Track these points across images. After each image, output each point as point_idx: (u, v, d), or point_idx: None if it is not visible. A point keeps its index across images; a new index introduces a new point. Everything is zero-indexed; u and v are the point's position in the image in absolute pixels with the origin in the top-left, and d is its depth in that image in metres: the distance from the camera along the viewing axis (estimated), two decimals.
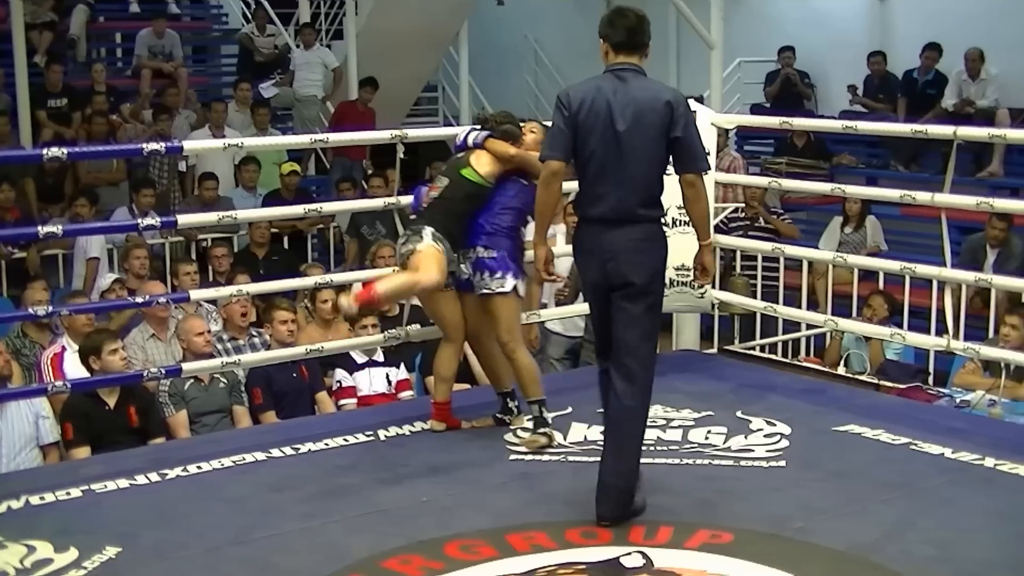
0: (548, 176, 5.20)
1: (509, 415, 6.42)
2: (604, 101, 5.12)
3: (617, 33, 5.33)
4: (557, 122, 5.18)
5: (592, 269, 5.17)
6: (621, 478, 5.09)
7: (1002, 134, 7.41)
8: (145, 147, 6.59)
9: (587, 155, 5.12)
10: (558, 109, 5.18)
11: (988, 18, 12.72)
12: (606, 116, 5.10)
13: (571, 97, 5.17)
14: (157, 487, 5.62)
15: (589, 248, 5.16)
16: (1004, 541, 4.92)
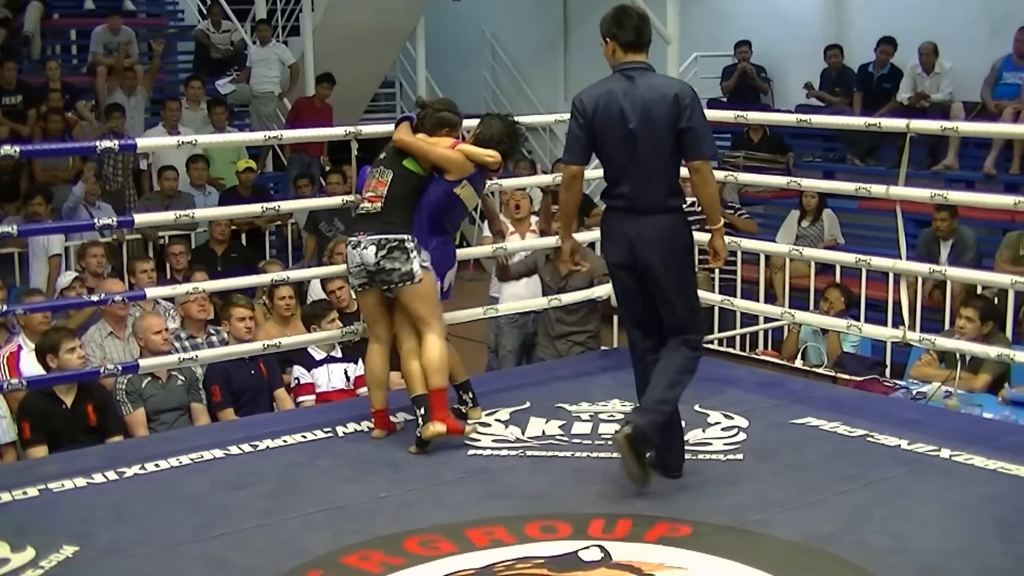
0: (568, 180, 5.49)
1: (465, 406, 6.35)
2: (616, 102, 5.32)
3: (626, 32, 5.46)
4: (573, 128, 5.40)
5: (618, 252, 5.43)
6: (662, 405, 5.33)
7: (954, 127, 7.46)
8: (99, 144, 6.54)
9: (606, 154, 5.39)
10: (573, 116, 5.40)
11: (942, 12, 12.82)
12: (619, 117, 5.31)
13: (585, 103, 5.37)
14: (115, 485, 5.58)
15: (613, 233, 5.44)
16: (960, 531, 4.96)
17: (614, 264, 5.50)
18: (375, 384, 6.23)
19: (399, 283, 5.90)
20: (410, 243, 5.92)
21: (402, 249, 5.89)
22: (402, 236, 5.91)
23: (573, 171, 5.44)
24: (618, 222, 5.42)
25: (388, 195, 5.99)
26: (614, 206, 5.43)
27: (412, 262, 5.89)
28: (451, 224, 6.27)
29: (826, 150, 13.80)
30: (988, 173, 11.78)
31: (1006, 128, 10.06)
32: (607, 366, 7.21)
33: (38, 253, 10.20)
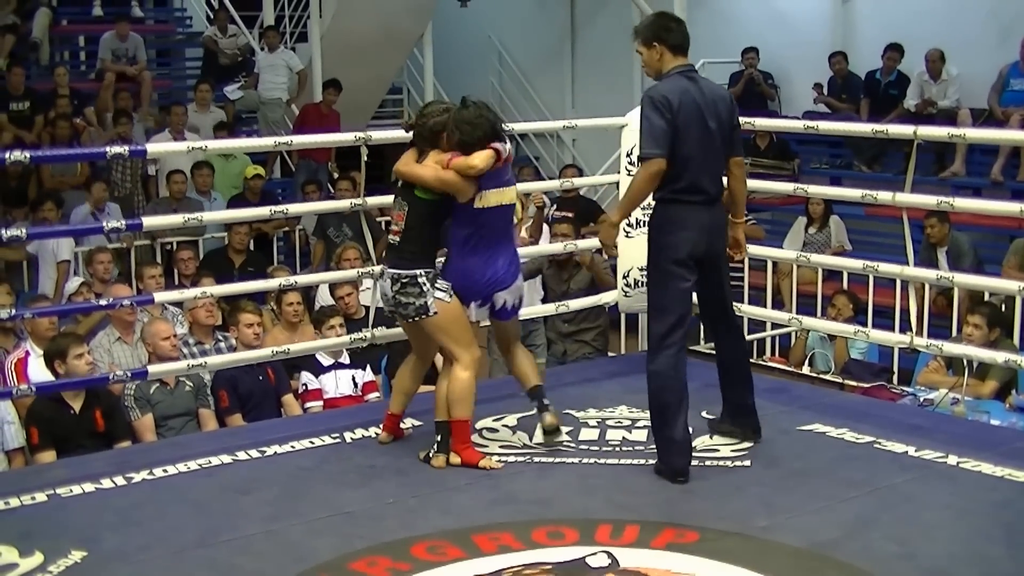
0: (656, 172, 5.53)
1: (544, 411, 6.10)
2: (692, 101, 5.57)
3: (675, 36, 5.70)
4: (659, 122, 5.49)
5: (698, 244, 5.64)
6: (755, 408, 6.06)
7: (961, 134, 7.45)
8: (108, 150, 6.53)
9: (686, 150, 5.55)
10: (658, 110, 5.50)
11: (949, 19, 12.81)
12: (698, 115, 5.57)
13: (669, 99, 5.52)
14: (122, 491, 5.60)
15: (691, 225, 5.62)
16: (966, 537, 4.96)
17: (685, 257, 5.62)
18: (398, 390, 6.21)
19: (415, 316, 5.86)
20: (423, 277, 5.81)
21: (414, 284, 5.81)
22: (414, 272, 5.81)
23: (663, 164, 5.51)
24: (696, 215, 5.62)
25: (406, 227, 5.87)
26: (691, 200, 5.60)
27: (426, 296, 5.81)
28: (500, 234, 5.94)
29: (833, 156, 13.79)
30: (995, 180, 11.77)
31: (1013, 135, 10.04)
32: (614, 372, 7.22)
33: (47, 259, 10.21)
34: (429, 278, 5.82)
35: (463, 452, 5.83)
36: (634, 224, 7.29)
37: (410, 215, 5.86)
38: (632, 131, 7.35)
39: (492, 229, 5.87)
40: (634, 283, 7.35)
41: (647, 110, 5.53)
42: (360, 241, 8.91)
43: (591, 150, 15.12)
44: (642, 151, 5.54)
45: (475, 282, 5.87)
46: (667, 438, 5.61)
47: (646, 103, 5.55)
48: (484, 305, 5.93)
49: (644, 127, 5.54)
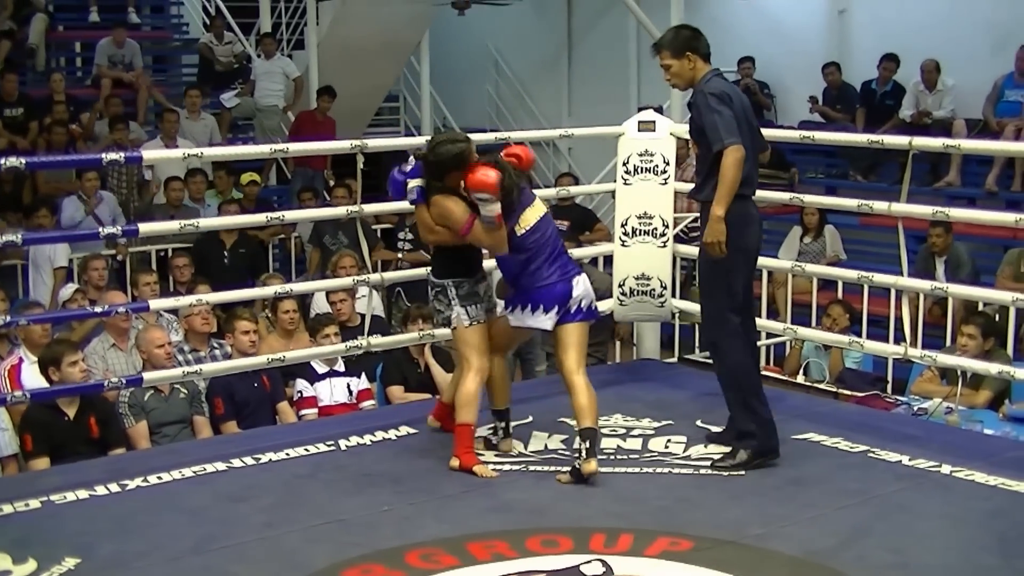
0: (741, 159, 5.66)
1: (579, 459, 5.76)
2: (741, 100, 5.86)
3: (704, 46, 5.98)
4: (727, 112, 5.69)
5: (756, 237, 5.96)
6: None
7: (957, 144, 7.48)
8: (104, 156, 6.54)
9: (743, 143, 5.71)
10: (723, 102, 5.70)
11: (944, 29, 12.84)
12: (744, 112, 5.82)
13: (728, 93, 5.79)
14: (117, 498, 5.59)
15: (755, 219, 5.95)
16: (960, 546, 4.97)
17: (750, 250, 5.91)
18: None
19: (444, 324, 6.13)
20: (451, 289, 5.91)
21: (444, 294, 5.94)
22: (443, 282, 5.93)
23: (743, 151, 5.65)
24: (751, 209, 5.89)
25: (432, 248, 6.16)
26: (749, 194, 5.86)
27: (452, 308, 5.91)
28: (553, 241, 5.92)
29: (828, 166, 13.82)
30: (990, 190, 11.80)
31: (1008, 146, 10.08)
32: (609, 380, 7.21)
33: (43, 265, 10.20)
34: (459, 292, 5.91)
35: (463, 456, 5.84)
36: (630, 233, 7.30)
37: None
38: (628, 140, 7.38)
39: (545, 241, 5.89)
40: (629, 292, 7.36)
41: (714, 104, 5.70)
42: (356, 249, 8.92)
43: (587, 159, 15.12)
44: (724, 141, 5.63)
45: (553, 294, 5.85)
46: (765, 420, 5.82)
47: (711, 99, 5.71)
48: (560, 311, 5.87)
49: (716, 120, 5.67)
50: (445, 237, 5.88)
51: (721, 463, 5.80)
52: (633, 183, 7.36)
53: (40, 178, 11.92)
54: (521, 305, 5.89)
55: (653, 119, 7.46)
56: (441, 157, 5.75)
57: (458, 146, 5.78)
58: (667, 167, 7.33)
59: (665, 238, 7.31)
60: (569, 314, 5.87)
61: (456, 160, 5.73)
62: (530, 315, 5.86)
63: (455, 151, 5.75)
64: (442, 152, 5.75)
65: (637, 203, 7.34)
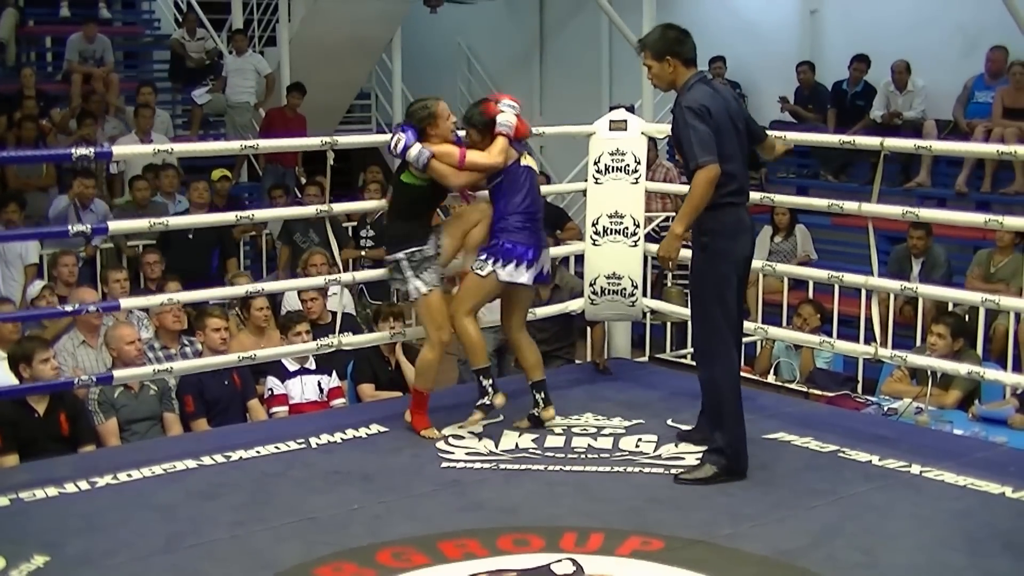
0: (713, 179, 5.55)
1: (537, 408, 6.48)
2: (722, 105, 5.70)
3: (688, 50, 5.80)
4: (704, 129, 5.57)
5: (747, 246, 5.85)
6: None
7: (928, 145, 7.51)
8: (74, 152, 6.49)
9: (725, 151, 5.63)
10: (700, 117, 5.58)
11: (915, 30, 12.88)
12: (728, 118, 5.71)
13: (708, 106, 5.62)
14: (86, 495, 5.57)
15: (745, 228, 5.82)
16: (929, 546, 5.00)
17: (742, 259, 5.81)
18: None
19: (403, 299, 6.33)
20: (404, 261, 6.21)
21: (398, 270, 6.28)
22: (396, 256, 6.26)
23: (718, 169, 5.55)
24: (745, 216, 5.81)
25: (390, 210, 6.40)
26: (739, 202, 5.76)
27: (408, 281, 6.25)
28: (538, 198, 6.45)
29: (799, 166, 13.85)
30: (960, 191, 11.85)
31: (978, 147, 10.11)
32: (580, 379, 7.24)
33: (13, 262, 10.13)
34: (411, 262, 6.21)
35: (415, 417, 6.34)
36: (601, 232, 7.31)
37: (394, 198, 6.30)
38: (600, 139, 7.38)
39: (536, 194, 6.42)
40: (600, 291, 7.36)
41: (690, 119, 5.58)
42: (326, 247, 8.90)
43: (559, 157, 15.12)
44: (697, 160, 5.55)
45: (536, 247, 6.29)
46: (737, 440, 5.72)
47: (687, 113, 5.60)
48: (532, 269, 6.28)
49: (691, 136, 5.57)
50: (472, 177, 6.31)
51: (686, 476, 5.72)
52: (604, 182, 7.36)
53: (10, 173, 11.85)
54: (504, 259, 6.22)
55: (625, 118, 7.46)
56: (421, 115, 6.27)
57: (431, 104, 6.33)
58: (638, 166, 7.33)
59: (636, 237, 7.31)
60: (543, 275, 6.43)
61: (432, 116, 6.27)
62: (513, 269, 6.23)
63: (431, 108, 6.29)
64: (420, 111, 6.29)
65: (608, 202, 7.35)
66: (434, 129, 6.27)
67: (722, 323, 5.74)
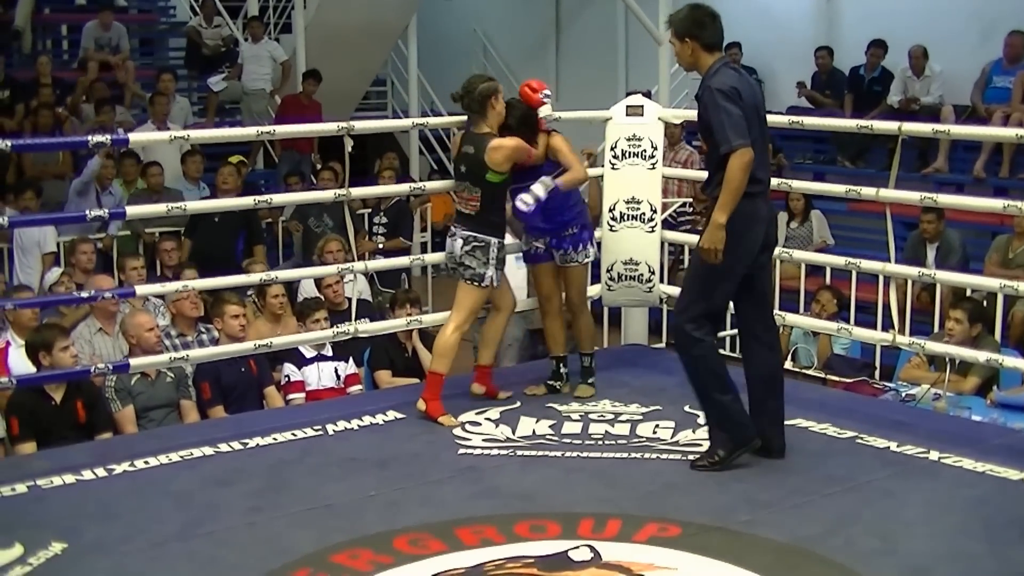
0: (748, 162, 5.43)
1: (559, 380, 6.83)
2: (751, 91, 5.61)
3: (709, 35, 5.67)
4: (736, 111, 5.45)
5: (762, 235, 5.64)
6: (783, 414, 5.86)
7: (946, 130, 7.49)
8: (91, 139, 6.49)
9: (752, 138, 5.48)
10: (731, 100, 5.47)
11: (933, 16, 12.83)
12: (757, 104, 5.61)
13: (738, 88, 5.51)
14: (103, 482, 5.58)
15: (761, 217, 5.63)
16: (947, 533, 4.98)
17: (753, 251, 5.61)
18: (485, 344, 6.70)
19: (468, 280, 6.37)
20: (494, 248, 6.37)
21: (484, 251, 6.37)
22: (490, 239, 6.39)
23: (752, 153, 5.43)
24: (763, 205, 5.63)
25: (482, 205, 6.39)
26: (758, 191, 5.57)
27: (488, 266, 6.37)
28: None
29: (816, 152, 13.80)
30: (977, 176, 11.80)
31: (996, 131, 10.06)
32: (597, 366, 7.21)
33: (31, 249, 10.13)
34: (499, 255, 6.41)
35: (429, 403, 6.34)
36: (618, 218, 7.29)
37: (484, 197, 6.39)
38: (616, 125, 7.36)
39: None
40: (617, 277, 7.34)
41: (721, 101, 5.45)
42: (341, 232, 8.89)
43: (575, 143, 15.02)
44: (731, 143, 5.42)
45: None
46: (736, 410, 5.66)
47: (717, 96, 5.47)
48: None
49: (723, 119, 5.44)
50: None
51: (700, 463, 5.67)
52: (621, 168, 7.34)
53: (27, 161, 11.86)
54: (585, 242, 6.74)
55: (641, 104, 7.43)
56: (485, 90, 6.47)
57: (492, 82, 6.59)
58: (655, 152, 7.31)
59: (653, 223, 7.29)
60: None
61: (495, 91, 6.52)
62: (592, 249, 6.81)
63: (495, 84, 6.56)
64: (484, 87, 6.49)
65: (625, 188, 7.33)
66: (496, 106, 6.44)
67: (711, 309, 5.66)
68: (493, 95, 6.45)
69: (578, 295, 6.85)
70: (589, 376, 6.84)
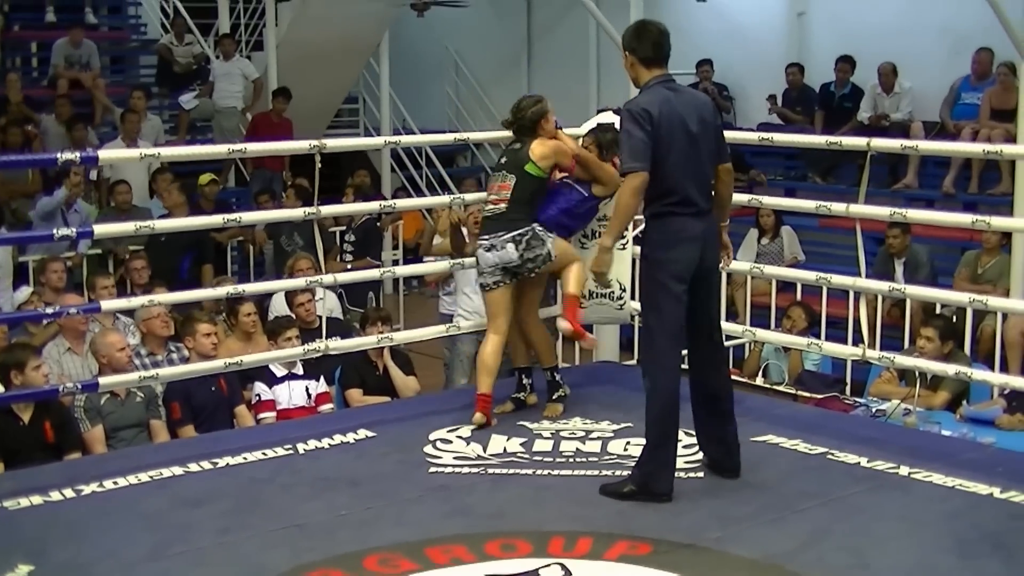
0: (640, 186, 5.42)
1: (523, 392, 6.85)
2: (674, 111, 5.47)
3: (644, 49, 5.62)
4: (639, 135, 5.40)
5: (693, 254, 5.51)
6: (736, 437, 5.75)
7: (915, 145, 7.52)
8: (60, 157, 6.45)
9: (672, 161, 5.44)
10: (637, 122, 5.41)
11: (902, 33, 12.89)
12: (681, 122, 5.47)
13: (649, 111, 5.42)
14: (72, 503, 5.53)
15: (686, 237, 5.50)
16: (918, 547, 4.99)
17: (683, 272, 5.49)
18: (486, 371, 6.57)
19: (542, 265, 6.55)
20: (539, 228, 6.55)
21: (535, 236, 6.51)
22: (531, 226, 6.52)
23: (645, 177, 5.39)
24: (689, 226, 5.51)
25: (512, 197, 6.48)
26: (682, 212, 5.49)
27: (547, 244, 6.54)
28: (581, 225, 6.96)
29: (787, 168, 13.86)
30: (947, 192, 11.87)
31: (964, 147, 10.13)
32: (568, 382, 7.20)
33: None
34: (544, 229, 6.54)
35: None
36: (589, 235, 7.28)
37: (517, 187, 6.52)
38: None
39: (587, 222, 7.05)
40: (589, 294, 7.33)
41: (626, 123, 5.45)
42: (311, 250, 8.88)
43: None
44: (623, 166, 5.45)
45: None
46: (661, 460, 5.47)
47: (625, 116, 5.48)
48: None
49: (624, 141, 5.46)
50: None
51: (609, 487, 5.56)
52: None
53: None
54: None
55: (612, 121, 7.43)
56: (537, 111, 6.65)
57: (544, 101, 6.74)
58: None
59: (625, 240, 7.28)
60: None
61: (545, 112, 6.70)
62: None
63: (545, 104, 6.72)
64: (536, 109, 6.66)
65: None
66: (546, 124, 6.63)
67: (657, 334, 5.54)
68: (543, 117, 6.62)
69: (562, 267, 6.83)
70: (556, 391, 6.81)
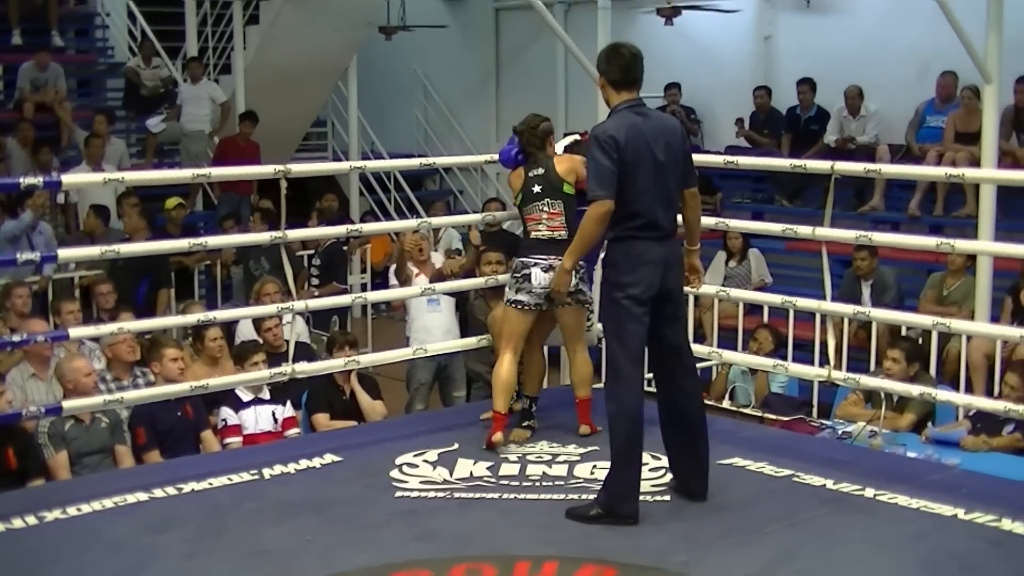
0: (605, 214, 5.48)
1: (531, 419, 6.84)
2: (642, 135, 5.50)
3: (612, 72, 5.65)
4: (605, 162, 5.44)
5: (654, 278, 5.52)
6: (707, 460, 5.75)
7: (878, 169, 7.58)
8: (22, 181, 6.42)
9: (638, 186, 5.48)
10: (603, 149, 5.45)
11: (868, 56, 12.98)
12: (647, 148, 5.49)
13: (616, 137, 5.46)
14: (35, 531, 5.48)
15: (648, 261, 5.51)
16: (882, 569, 5.01)
17: (643, 295, 5.49)
18: (502, 389, 6.57)
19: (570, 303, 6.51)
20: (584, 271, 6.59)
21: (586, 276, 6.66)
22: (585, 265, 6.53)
23: (611, 206, 5.44)
24: (652, 250, 5.52)
25: (566, 221, 6.53)
26: (644, 236, 5.51)
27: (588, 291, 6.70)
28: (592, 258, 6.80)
29: (755, 191, 13.91)
30: (912, 215, 11.93)
31: (928, 171, 10.21)
32: None
33: None
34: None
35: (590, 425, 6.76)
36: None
37: (567, 211, 6.59)
38: None
39: None
40: None
41: (593, 150, 5.48)
42: (278, 275, 8.85)
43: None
44: (589, 193, 5.48)
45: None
46: (627, 482, 5.48)
47: (592, 143, 5.52)
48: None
49: (591, 168, 5.51)
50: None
51: (575, 510, 5.55)
52: None
53: None
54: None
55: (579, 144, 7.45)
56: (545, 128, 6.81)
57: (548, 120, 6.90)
58: None
59: None
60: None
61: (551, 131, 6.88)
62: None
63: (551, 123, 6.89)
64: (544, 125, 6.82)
65: None
66: (551, 144, 6.79)
67: (620, 357, 5.53)
68: (550, 135, 6.79)
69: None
70: (527, 419, 6.81)
